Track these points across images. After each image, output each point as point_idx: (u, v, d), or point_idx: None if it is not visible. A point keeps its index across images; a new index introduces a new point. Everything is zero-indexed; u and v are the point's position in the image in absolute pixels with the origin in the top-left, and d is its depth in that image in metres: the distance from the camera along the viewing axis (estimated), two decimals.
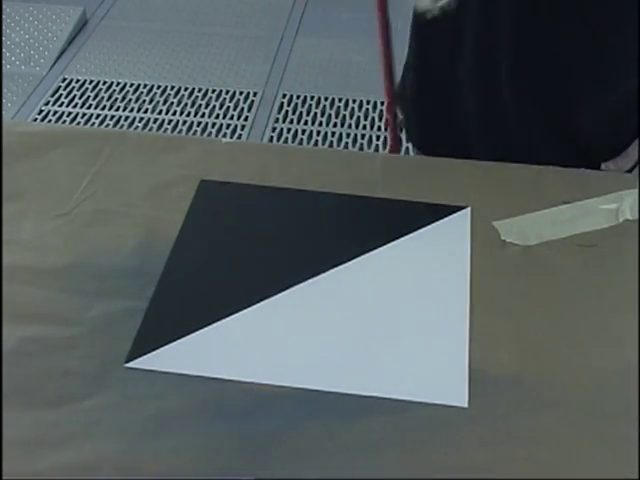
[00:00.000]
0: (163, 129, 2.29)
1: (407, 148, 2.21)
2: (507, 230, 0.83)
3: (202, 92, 2.43)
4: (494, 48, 0.90)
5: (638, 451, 0.64)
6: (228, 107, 2.37)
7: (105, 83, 2.46)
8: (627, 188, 0.87)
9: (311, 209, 0.86)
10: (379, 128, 2.28)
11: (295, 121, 2.31)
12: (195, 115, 2.34)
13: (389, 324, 0.74)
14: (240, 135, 2.26)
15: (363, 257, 0.80)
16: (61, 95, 2.41)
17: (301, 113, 2.35)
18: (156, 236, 0.82)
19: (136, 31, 2.72)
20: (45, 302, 0.75)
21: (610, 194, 0.86)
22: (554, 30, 0.88)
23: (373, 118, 2.32)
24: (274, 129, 2.29)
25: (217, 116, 2.34)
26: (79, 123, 2.29)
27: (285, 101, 2.39)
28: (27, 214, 0.84)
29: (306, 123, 2.31)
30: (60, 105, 2.38)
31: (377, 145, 2.22)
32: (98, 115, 2.33)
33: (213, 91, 2.44)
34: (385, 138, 2.22)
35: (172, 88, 2.45)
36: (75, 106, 2.37)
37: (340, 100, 2.40)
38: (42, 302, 0.75)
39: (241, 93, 2.43)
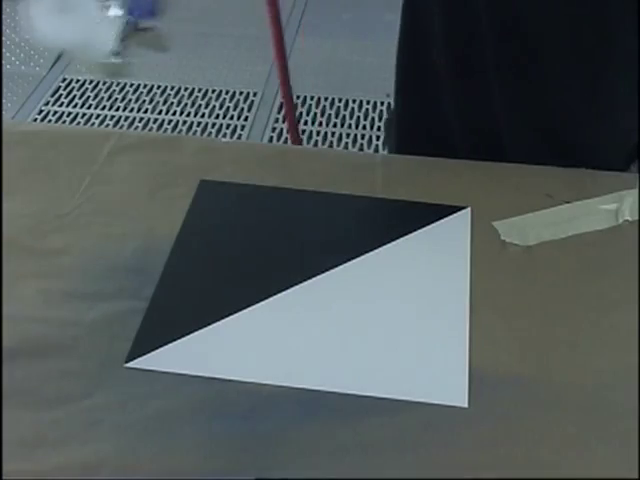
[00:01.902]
0: (163, 129, 2.29)
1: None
2: (507, 230, 0.83)
3: (202, 92, 2.43)
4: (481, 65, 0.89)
5: (638, 451, 0.64)
6: (228, 107, 2.37)
7: (105, 83, 2.46)
8: (627, 188, 0.87)
9: (311, 209, 0.86)
10: (379, 128, 2.28)
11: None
12: (195, 115, 2.34)
13: (389, 324, 0.74)
14: (240, 135, 2.26)
15: (363, 257, 0.80)
16: (61, 95, 2.41)
17: (301, 113, 2.35)
18: (156, 236, 0.82)
19: None
20: (45, 302, 0.75)
21: (610, 194, 0.86)
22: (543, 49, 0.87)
23: (373, 118, 2.32)
24: (274, 129, 2.29)
25: (217, 116, 2.34)
26: (79, 123, 2.29)
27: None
28: (27, 214, 0.84)
29: (306, 123, 2.31)
30: (60, 105, 2.38)
31: (377, 145, 2.22)
32: (98, 115, 2.33)
33: (213, 91, 2.44)
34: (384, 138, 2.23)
35: (172, 88, 2.45)
36: (75, 106, 2.37)
37: (340, 100, 2.40)
38: (42, 302, 0.75)
39: (241, 93, 2.43)
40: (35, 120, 2.29)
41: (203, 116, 2.34)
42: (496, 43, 0.86)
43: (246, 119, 2.32)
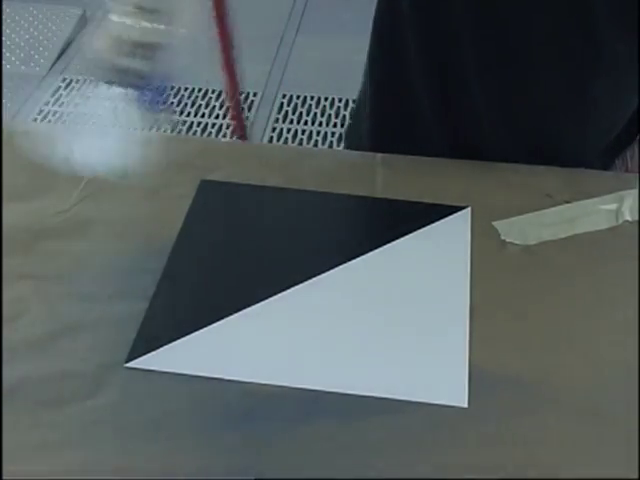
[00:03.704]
0: (163, 129, 2.29)
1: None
2: (507, 230, 0.83)
3: (202, 92, 2.43)
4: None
5: (638, 451, 0.64)
6: (228, 107, 2.37)
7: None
8: (627, 188, 0.87)
9: (311, 209, 0.86)
10: None
11: (295, 121, 2.31)
12: (195, 115, 2.34)
13: (389, 324, 0.74)
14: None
15: (363, 257, 0.80)
16: (61, 95, 2.41)
17: (301, 113, 2.35)
18: (156, 236, 0.82)
19: None
20: (45, 302, 0.75)
21: (610, 194, 0.86)
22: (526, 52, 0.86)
23: None
24: (274, 129, 2.29)
25: (217, 116, 2.34)
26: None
27: (285, 101, 2.39)
28: (27, 214, 0.84)
29: (306, 123, 2.31)
30: (60, 105, 2.37)
31: None
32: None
33: (213, 91, 2.44)
34: None
35: (172, 88, 2.45)
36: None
37: (340, 100, 2.40)
38: (42, 302, 0.75)
39: (241, 93, 2.43)
40: (35, 120, 2.29)
41: (203, 116, 2.34)
42: (477, 44, 0.85)
43: (246, 119, 2.32)
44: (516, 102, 0.90)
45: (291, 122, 2.31)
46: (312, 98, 2.40)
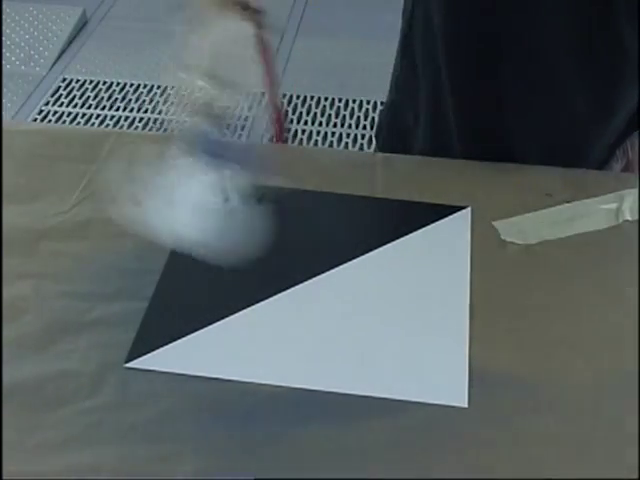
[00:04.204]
0: (163, 129, 2.29)
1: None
2: (507, 230, 0.83)
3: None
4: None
5: (638, 451, 0.64)
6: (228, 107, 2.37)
7: (105, 83, 2.46)
8: (627, 188, 0.87)
9: (311, 209, 0.86)
10: None
11: (295, 121, 2.32)
12: None
13: (389, 324, 0.74)
14: (240, 135, 2.26)
15: (363, 257, 0.80)
16: (61, 95, 2.41)
17: (301, 113, 2.35)
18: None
19: (136, 31, 2.73)
20: (44, 302, 0.75)
21: (610, 194, 0.86)
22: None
23: (373, 118, 2.32)
24: None
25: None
26: (79, 123, 2.30)
27: (285, 101, 2.39)
28: (27, 214, 0.84)
29: (306, 123, 2.31)
30: (60, 105, 2.38)
31: None
32: (98, 115, 2.33)
33: None
34: None
35: (172, 88, 2.45)
36: (75, 106, 2.37)
37: (340, 100, 2.40)
38: (41, 302, 0.75)
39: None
40: (35, 120, 2.29)
41: None
42: (501, 48, 0.86)
43: (246, 119, 2.32)
44: (540, 106, 0.90)
45: (291, 122, 2.31)
46: (312, 98, 2.40)
